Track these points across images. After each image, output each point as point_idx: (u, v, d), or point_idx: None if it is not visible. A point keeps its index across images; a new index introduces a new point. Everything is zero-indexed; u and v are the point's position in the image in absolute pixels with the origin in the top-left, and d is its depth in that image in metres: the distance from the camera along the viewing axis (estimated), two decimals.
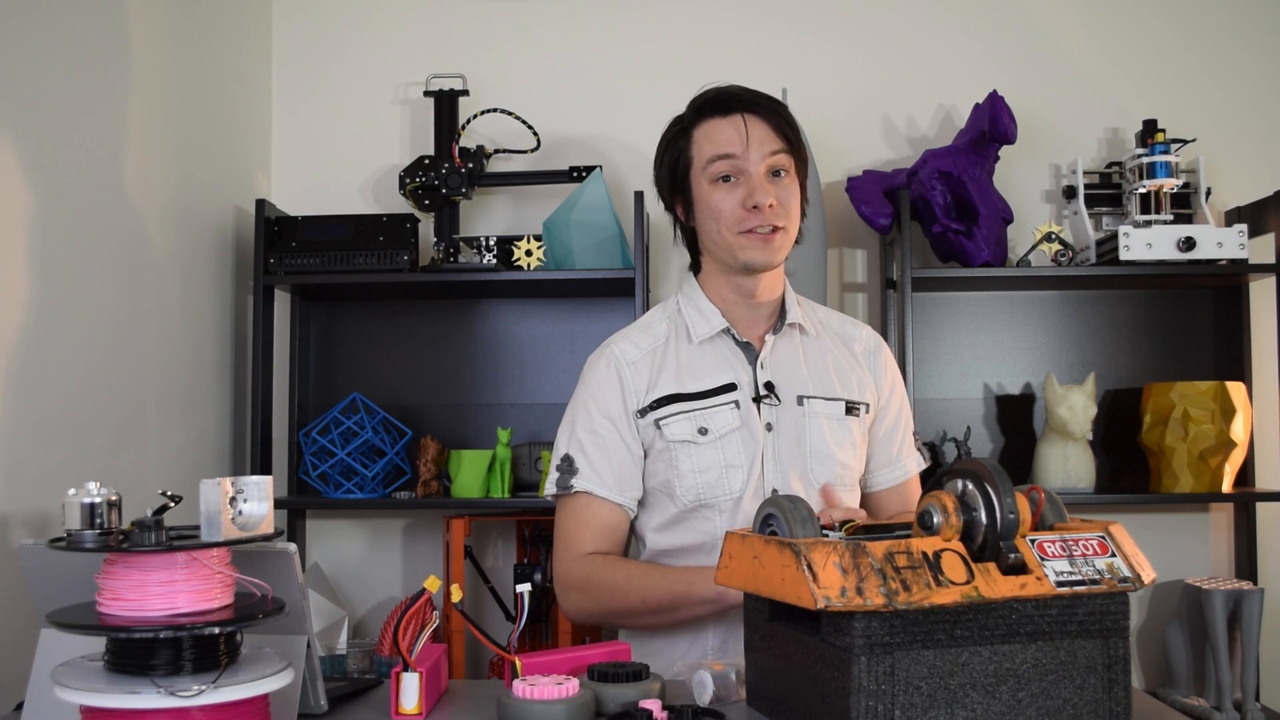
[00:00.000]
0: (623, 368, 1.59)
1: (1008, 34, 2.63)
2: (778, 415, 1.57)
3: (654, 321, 1.66)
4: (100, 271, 1.85)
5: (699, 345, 1.61)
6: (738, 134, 1.53)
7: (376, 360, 2.62)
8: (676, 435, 1.55)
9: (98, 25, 1.86)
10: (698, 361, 1.60)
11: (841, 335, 1.68)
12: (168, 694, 0.92)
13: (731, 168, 1.53)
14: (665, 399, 1.57)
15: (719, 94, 1.58)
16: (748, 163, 1.53)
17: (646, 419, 1.57)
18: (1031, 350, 2.58)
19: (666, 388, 1.58)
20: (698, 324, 1.61)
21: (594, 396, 1.59)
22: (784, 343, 1.62)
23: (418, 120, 2.66)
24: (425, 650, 1.20)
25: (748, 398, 1.57)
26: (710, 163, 1.54)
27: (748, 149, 1.52)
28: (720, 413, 1.56)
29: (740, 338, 1.61)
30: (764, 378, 1.59)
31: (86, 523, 0.99)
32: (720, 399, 1.57)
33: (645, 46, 2.66)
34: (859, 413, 1.61)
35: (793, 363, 1.61)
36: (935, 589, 0.98)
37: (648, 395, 1.58)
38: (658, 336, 1.63)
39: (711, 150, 1.54)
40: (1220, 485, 2.35)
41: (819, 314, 1.71)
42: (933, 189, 2.38)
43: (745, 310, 1.62)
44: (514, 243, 2.42)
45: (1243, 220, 2.42)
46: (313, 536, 2.61)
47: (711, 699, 1.18)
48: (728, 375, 1.58)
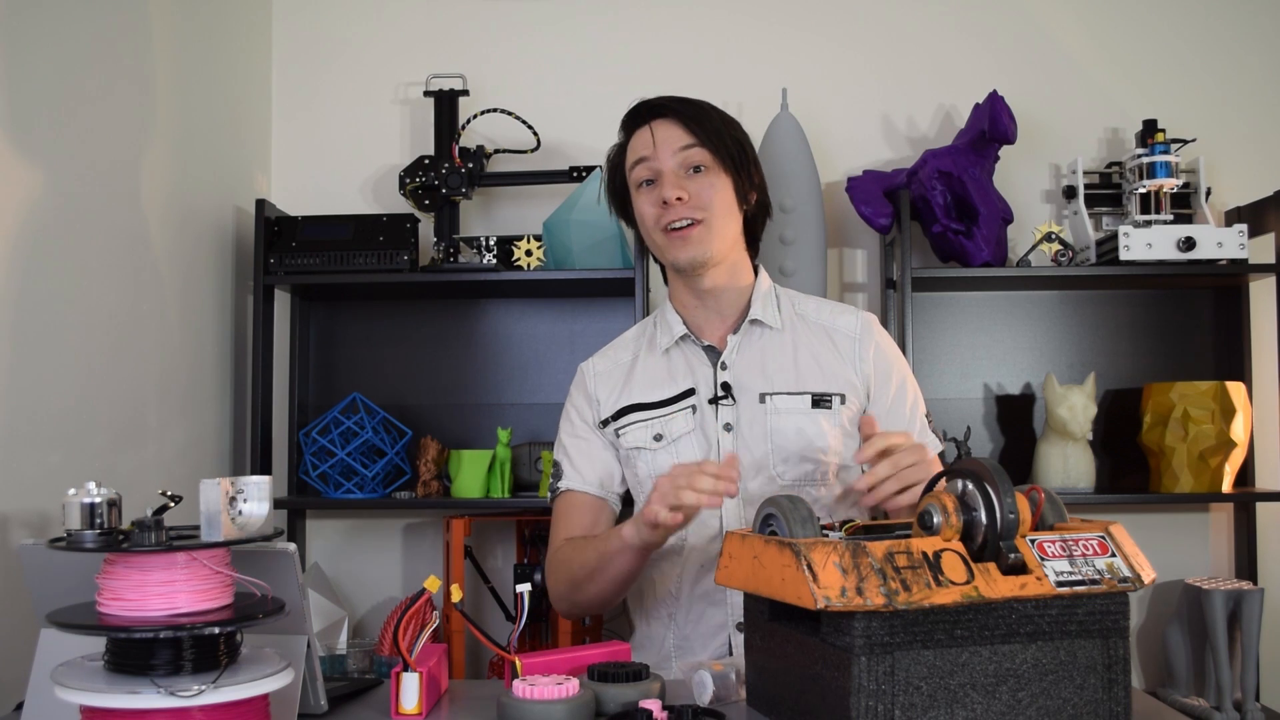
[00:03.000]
0: (589, 379, 1.70)
1: (1008, 34, 2.63)
2: (737, 415, 1.59)
3: (629, 338, 1.75)
4: (100, 271, 1.85)
5: (664, 354, 1.67)
6: (646, 136, 1.61)
7: (376, 360, 2.62)
8: (632, 443, 1.63)
9: (98, 25, 1.86)
10: (662, 371, 1.65)
11: (825, 326, 1.67)
12: (168, 694, 0.92)
13: (649, 171, 1.61)
14: (625, 409, 1.65)
15: (634, 107, 1.67)
16: (659, 162, 1.59)
17: (608, 429, 1.66)
18: (1031, 350, 2.58)
19: (627, 398, 1.65)
20: (662, 333, 1.68)
21: (574, 406, 1.72)
22: (747, 341, 1.64)
23: (418, 120, 2.66)
24: (425, 650, 1.20)
25: (705, 400, 1.60)
26: (631, 169, 1.63)
27: (656, 149, 1.59)
28: (676, 419, 1.61)
29: (702, 341, 1.65)
30: (724, 378, 1.61)
31: (86, 523, 0.99)
32: (677, 406, 1.62)
33: (645, 46, 2.66)
34: (829, 404, 1.59)
35: (756, 360, 1.62)
36: (935, 589, 0.98)
37: (612, 406, 1.66)
38: (629, 352, 1.71)
39: (631, 157, 1.63)
40: (1220, 485, 2.35)
41: (804, 305, 1.70)
42: (933, 189, 2.38)
43: (705, 312, 1.66)
44: (514, 243, 2.42)
45: (1243, 220, 2.42)
46: (313, 536, 2.61)
47: (711, 699, 1.18)
48: (688, 381, 1.63)
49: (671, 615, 1.61)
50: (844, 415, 1.61)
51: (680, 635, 1.60)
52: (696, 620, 1.59)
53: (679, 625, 1.60)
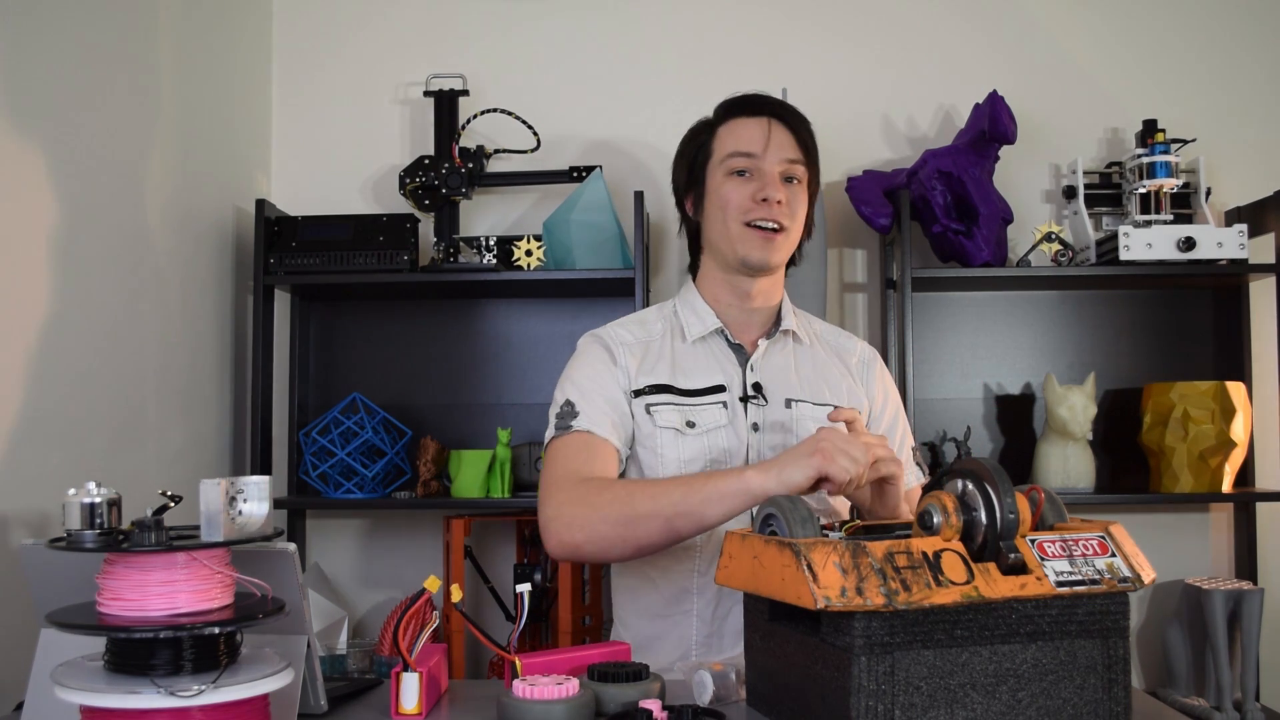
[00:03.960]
0: (615, 347, 1.63)
1: (1008, 34, 2.63)
2: (764, 416, 1.60)
3: (649, 318, 1.70)
4: (101, 271, 1.85)
5: (692, 344, 1.64)
6: (761, 133, 1.59)
7: (376, 360, 2.62)
8: (665, 422, 1.57)
9: (98, 26, 1.86)
10: (690, 360, 1.63)
11: (836, 348, 1.72)
12: (168, 694, 0.92)
13: (748, 164, 1.59)
14: (657, 387, 1.59)
15: (749, 96, 1.65)
16: (764, 162, 1.58)
17: (639, 400, 1.58)
18: (1031, 350, 2.58)
19: (659, 377, 1.60)
20: (692, 323, 1.65)
21: (589, 363, 1.61)
22: (776, 348, 1.65)
23: (418, 120, 2.66)
24: (425, 650, 1.20)
25: (735, 398, 1.60)
26: (729, 157, 1.60)
27: (767, 150, 1.58)
28: (708, 410, 1.59)
29: (733, 339, 1.65)
30: (753, 379, 1.61)
31: (86, 523, 0.99)
32: (709, 398, 1.60)
33: (645, 46, 2.66)
34: None
35: (784, 367, 1.64)
36: (935, 589, 0.98)
37: (639, 378, 1.60)
38: (652, 331, 1.67)
39: (733, 145, 1.60)
40: (1220, 485, 2.35)
41: (815, 326, 1.75)
42: (933, 189, 2.38)
43: (740, 314, 1.65)
44: (514, 243, 2.42)
45: (1243, 220, 2.42)
46: (313, 536, 2.61)
47: (711, 699, 1.18)
48: (718, 376, 1.61)
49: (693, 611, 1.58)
50: None
51: (706, 632, 1.57)
52: (724, 616, 1.57)
53: (704, 621, 1.57)
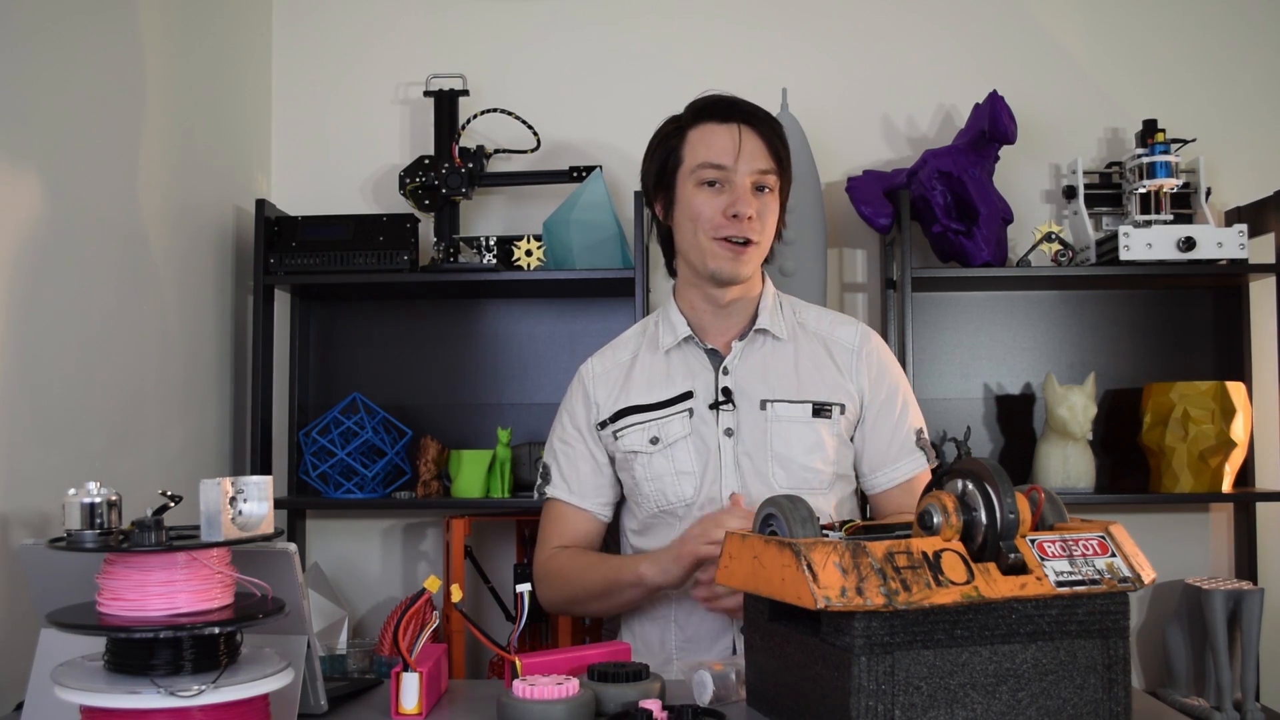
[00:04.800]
0: (588, 381, 1.70)
1: (1008, 34, 2.63)
2: (738, 420, 1.60)
3: (628, 337, 1.74)
4: (100, 271, 1.85)
5: (665, 354, 1.66)
6: (731, 142, 1.57)
7: (376, 360, 2.62)
8: (630, 446, 1.63)
9: (98, 26, 1.86)
10: (661, 371, 1.65)
11: (824, 337, 1.68)
12: (168, 694, 0.92)
13: (719, 175, 1.57)
14: (623, 411, 1.64)
15: (719, 100, 1.62)
16: (735, 174, 1.56)
17: (606, 431, 1.66)
18: (1031, 350, 2.58)
19: (626, 400, 1.65)
20: (665, 334, 1.67)
21: (568, 409, 1.71)
22: (751, 349, 1.65)
23: (418, 120, 2.66)
24: (425, 650, 1.20)
25: (704, 405, 1.60)
26: (699, 168, 1.58)
27: (738, 161, 1.56)
28: (673, 422, 1.61)
29: (706, 344, 1.65)
30: (725, 383, 1.61)
31: (86, 523, 0.99)
32: (674, 408, 1.62)
33: (645, 47, 2.66)
34: (829, 414, 1.61)
35: (759, 368, 1.63)
36: (935, 589, 0.98)
37: (606, 407, 1.66)
38: (622, 355, 1.71)
39: (704, 155, 1.58)
40: (1220, 485, 2.35)
41: (805, 315, 1.71)
42: (933, 189, 2.38)
43: (714, 317, 1.66)
44: (514, 243, 2.42)
45: (1243, 220, 2.42)
46: (313, 536, 2.61)
47: (711, 699, 1.18)
48: (687, 384, 1.63)
49: (672, 618, 1.61)
50: (842, 424, 1.62)
51: (684, 636, 1.60)
52: (700, 621, 1.59)
53: (681, 627, 1.60)
